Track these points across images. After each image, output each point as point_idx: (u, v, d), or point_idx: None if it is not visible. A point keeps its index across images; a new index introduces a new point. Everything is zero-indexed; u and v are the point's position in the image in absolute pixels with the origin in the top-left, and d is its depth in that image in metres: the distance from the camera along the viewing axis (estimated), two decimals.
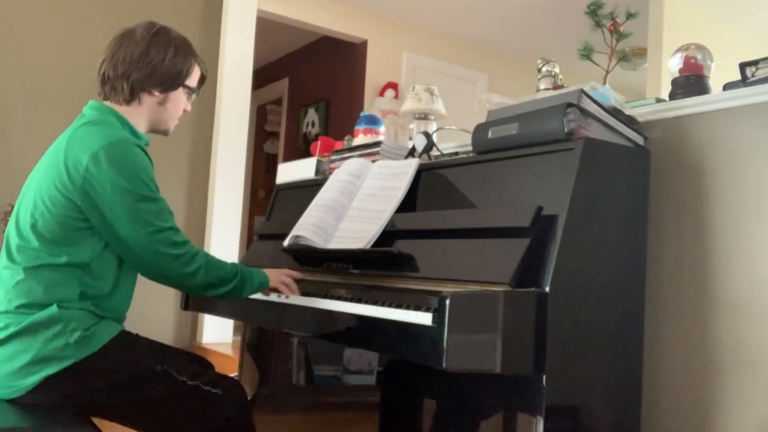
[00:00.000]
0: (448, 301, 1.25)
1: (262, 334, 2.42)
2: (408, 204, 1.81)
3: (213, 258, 1.60)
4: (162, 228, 1.50)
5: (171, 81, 1.62)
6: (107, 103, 1.62)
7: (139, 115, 1.62)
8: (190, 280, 1.55)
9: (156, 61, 1.59)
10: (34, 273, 1.48)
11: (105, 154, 1.47)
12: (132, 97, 1.60)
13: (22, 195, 1.59)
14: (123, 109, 1.61)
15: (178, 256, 1.52)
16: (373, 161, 2.06)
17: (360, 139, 2.38)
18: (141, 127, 1.63)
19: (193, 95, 1.72)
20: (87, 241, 1.50)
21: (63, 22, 3.62)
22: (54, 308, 1.46)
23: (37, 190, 1.52)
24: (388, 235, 1.75)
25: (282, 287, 1.73)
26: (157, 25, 1.64)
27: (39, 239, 1.49)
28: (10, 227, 1.56)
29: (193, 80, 1.70)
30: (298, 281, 1.77)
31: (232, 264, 1.64)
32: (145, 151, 1.56)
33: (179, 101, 1.67)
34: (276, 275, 1.73)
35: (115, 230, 1.48)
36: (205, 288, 1.58)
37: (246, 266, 1.69)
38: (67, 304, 1.48)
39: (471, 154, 1.83)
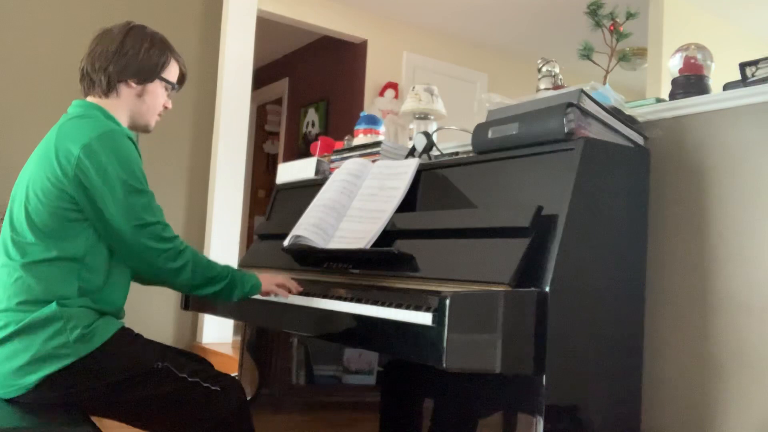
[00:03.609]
0: (448, 301, 1.25)
1: (262, 334, 2.42)
2: (408, 204, 1.81)
3: (203, 257, 1.60)
4: (150, 222, 1.52)
5: (147, 72, 1.65)
6: (89, 98, 1.65)
7: (118, 108, 1.64)
8: (177, 277, 1.56)
9: (131, 53, 1.62)
10: (31, 269, 1.48)
11: (98, 145, 1.49)
12: (110, 89, 1.62)
13: (14, 192, 1.60)
14: (104, 103, 1.63)
15: (164, 250, 1.53)
16: (373, 161, 2.06)
17: (360, 139, 2.38)
18: (122, 121, 1.65)
19: (172, 90, 1.74)
20: (81, 233, 1.51)
21: (62, 23, 3.62)
22: (53, 306, 1.46)
23: (29, 184, 1.53)
24: (388, 235, 1.75)
25: (277, 289, 1.73)
26: (134, 23, 1.68)
27: (34, 233, 1.49)
28: (5, 225, 1.56)
29: (170, 74, 1.71)
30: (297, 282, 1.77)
31: (224, 266, 1.64)
32: (134, 143, 1.58)
33: (157, 94, 1.69)
34: (270, 279, 1.73)
35: (107, 220, 1.49)
36: (192, 286, 1.59)
37: (241, 270, 1.69)
38: (67, 301, 1.48)
39: (471, 154, 1.83)
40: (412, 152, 2.09)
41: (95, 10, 3.69)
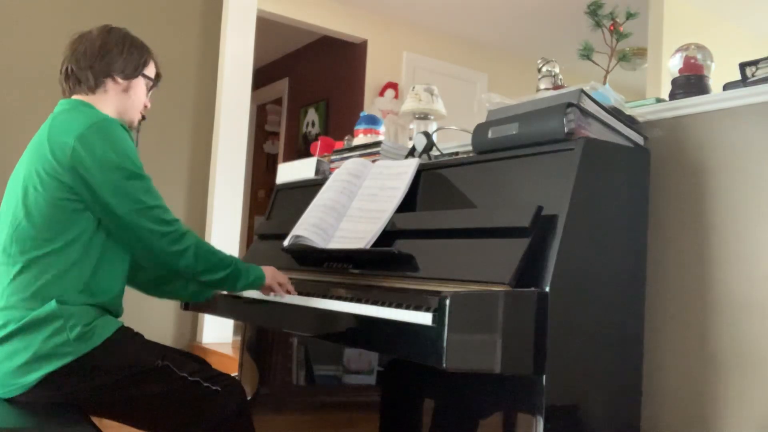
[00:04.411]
0: (448, 301, 1.25)
1: (262, 334, 2.42)
2: (408, 204, 1.81)
3: (206, 243, 1.61)
4: (150, 205, 1.53)
5: (131, 69, 1.69)
6: (75, 96, 1.66)
7: (105, 103, 1.66)
8: (180, 260, 1.56)
9: (115, 50, 1.66)
10: (30, 266, 1.49)
11: (92, 133, 1.50)
12: (97, 85, 1.65)
13: (8, 192, 1.60)
14: (89, 99, 1.65)
15: (166, 233, 1.53)
16: (373, 161, 2.06)
17: (360, 139, 2.38)
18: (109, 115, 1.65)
19: (152, 89, 1.78)
20: (80, 222, 1.51)
21: (62, 23, 3.62)
22: (53, 304, 1.46)
23: (25, 181, 1.54)
24: (388, 235, 1.75)
25: (276, 286, 1.74)
26: (111, 25, 1.72)
27: (33, 227, 1.50)
28: (1, 223, 1.56)
29: (150, 72, 1.75)
30: (295, 282, 1.77)
31: (228, 255, 1.64)
32: (127, 131, 1.59)
33: (141, 91, 1.73)
34: (273, 274, 1.73)
35: (107, 207, 1.50)
36: (195, 272, 1.59)
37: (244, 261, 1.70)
38: (66, 298, 1.48)
39: (471, 154, 1.83)
40: (412, 152, 2.09)
41: (93, 11, 3.69)
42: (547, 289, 1.37)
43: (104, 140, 1.50)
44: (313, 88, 5.81)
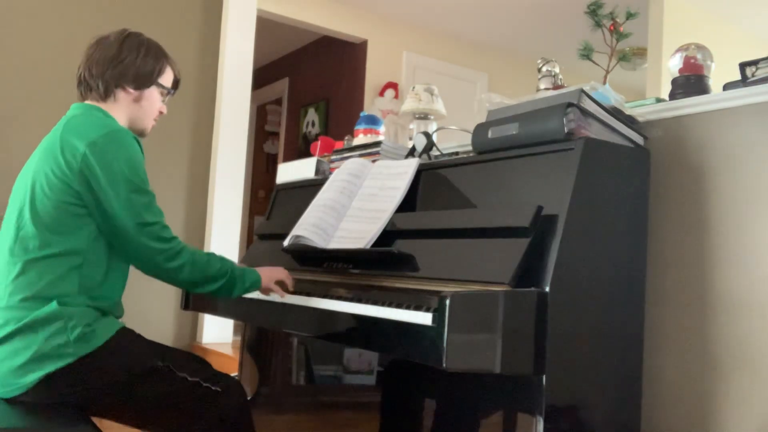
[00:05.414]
0: (448, 301, 1.25)
1: (262, 334, 2.42)
2: (408, 204, 1.81)
3: (202, 256, 1.60)
4: (150, 222, 1.53)
5: (144, 79, 1.68)
6: (88, 102, 1.67)
7: (116, 111, 1.66)
8: (175, 276, 1.57)
9: (128, 60, 1.65)
10: (33, 266, 1.49)
11: (104, 142, 1.51)
12: (107, 94, 1.65)
13: (16, 191, 1.61)
14: (101, 105, 1.65)
15: (162, 250, 1.54)
16: (373, 161, 2.06)
17: (360, 139, 2.38)
18: (120, 123, 1.66)
19: (168, 96, 1.77)
20: (84, 228, 1.52)
21: (64, 23, 3.62)
22: (54, 305, 1.47)
23: (34, 180, 1.54)
24: (388, 235, 1.75)
25: (275, 288, 1.73)
26: (130, 30, 1.71)
27: (38, 228, 1.50)
28: (7, 222, 1.57)
29: (165, 80, 1.74)
30: (295, 281, 1.77)
31: (223, 263, 1.63)
32: (139, 143, 1.59)
33: (154, 100, 1.72)
34: (269, 274, 1.73)
35: (110, 217, 1.51)
36: (191, 285, 1.60)
37: (242, 266, 1.69)
38: (67, 299, 1.49)
39: (471, 154, 1.83)
40: (412, 152, 2.09)
41: (96, 12, 3.69)
42: (547, 288, 1.37)
43: (115, 151, 1.51)
44: (313, 88, 5.81)
